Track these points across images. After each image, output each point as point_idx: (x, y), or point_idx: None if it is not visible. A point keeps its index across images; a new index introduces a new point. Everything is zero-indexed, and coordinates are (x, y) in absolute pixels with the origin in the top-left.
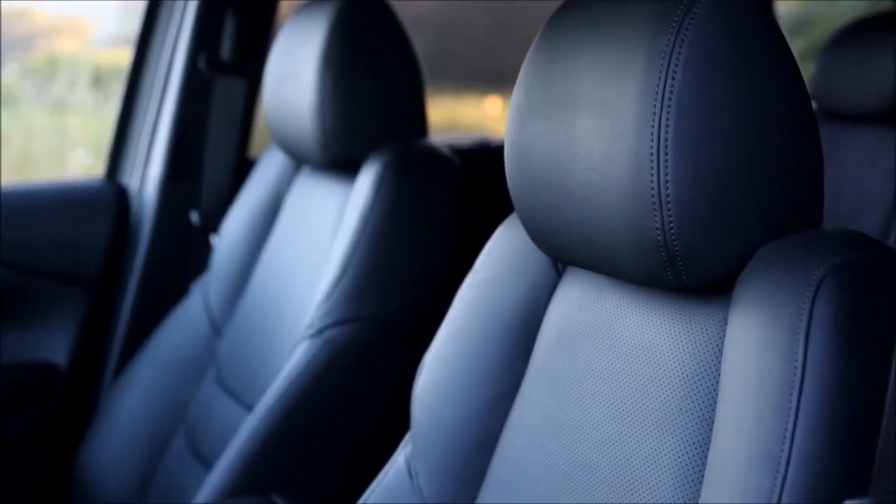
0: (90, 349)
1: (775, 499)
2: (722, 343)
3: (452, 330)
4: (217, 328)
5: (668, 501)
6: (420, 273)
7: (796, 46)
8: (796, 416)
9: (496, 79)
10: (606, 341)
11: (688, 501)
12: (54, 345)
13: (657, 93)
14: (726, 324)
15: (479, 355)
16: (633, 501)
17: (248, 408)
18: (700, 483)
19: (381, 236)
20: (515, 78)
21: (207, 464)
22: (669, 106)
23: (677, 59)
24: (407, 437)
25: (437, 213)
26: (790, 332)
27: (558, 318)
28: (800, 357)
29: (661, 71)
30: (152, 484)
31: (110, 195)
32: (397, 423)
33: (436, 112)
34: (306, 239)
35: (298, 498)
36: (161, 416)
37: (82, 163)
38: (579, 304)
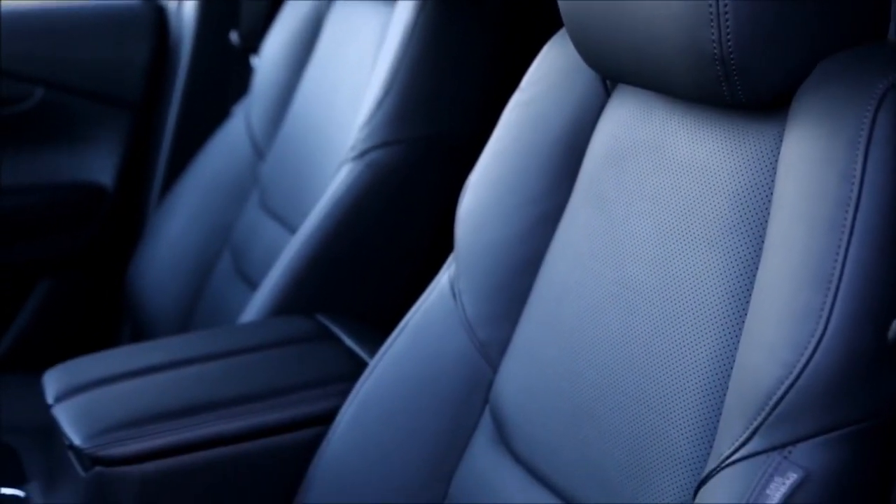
0: (135, 171)
1: (824, 318)
2: (776, 160)
3: (497, 150)
4: (259, 151)
5: (715, 320)
6: (464, 95)
7: None
8: (850, 234)
9: None
10: (655, 160)
11: (735, 321)
12: (100, 166)
13: None
14: (781, 141)
15: (525, 175)
16: (679, 321)
17: (292, 230)
18: (747, 302)
19: (424, 57)
20: None
21: (253, 284)
22: None
23: None
24: (451, 258)
25: (482, 33)
26: (848, 148)
27: (606, 137)
28: (857, 173)
29: None
30: (199, 303)
31: (148, 14)
32: (441, 245)
33: None
34: (348, 59)
35: (342, 317)
36: (206, 237)
37: None
38: (628, 122)
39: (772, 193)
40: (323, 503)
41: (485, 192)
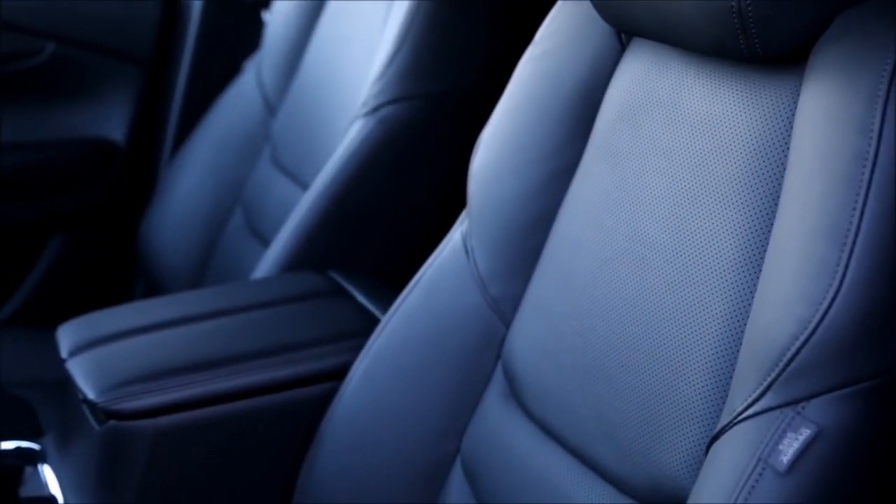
0: (147, 127)
1: (840, 273)
2: (793, 115)
3: (510, 105)
4: (271, 107)
5: (729, 276)
6: (477, 50)
7: None
8: (867, 189)
9: None
10: (670, 115)
11: (749, 277)
12: (111, 122)
13: None
14: (798, 95)
15: (538, 131)
16: (692, 277)
17: (304, 186)
18: (762, 258)
19: (437, 12)
20: None
21: (265, 241)
22: None
23: None
24: (463, 214)
25: None
26: (867, 103)
27: (621, 93)
28: (875, 128)
29: None
30: (212, 260)
31: None
32: (454, 201)
33: None
34: (360, 14)
35: (354, 273)
36: (218, 193)
37: None
38: (643, 77)
39: (788, 149)
40: (335, 458)
41: (497, 147)
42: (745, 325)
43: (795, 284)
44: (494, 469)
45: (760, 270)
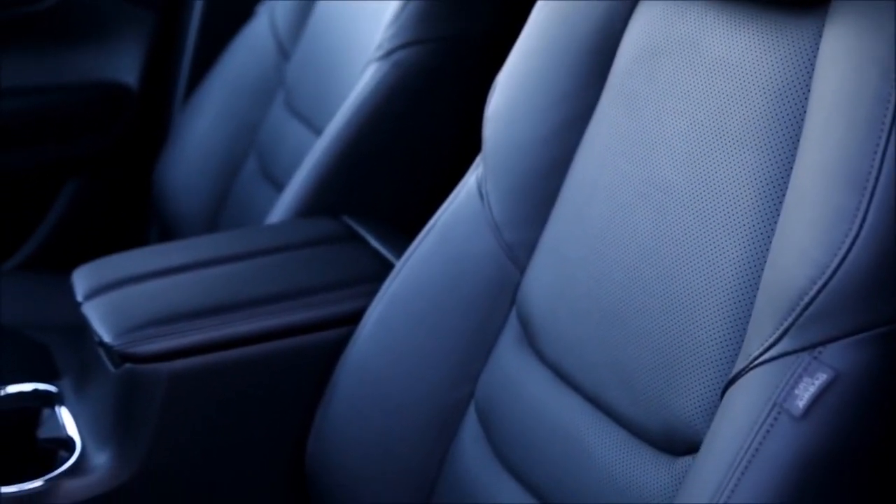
0: (160, 71)
1: (859, 219)
2: (814, 58)
3: (526, 49)
4: (284, 51)
5: (747, 221)
6: None
7: None
8: (889, 133)
9: None
10: (689, 58)
11: (767, 221)
12: (124, 66)
13: None
14: (820, 37)
15: (554, 74)
16: (709, 221)
17: (318, 131)
18: (781, 202)
19: None
20: None
21: (279, 186)
22: None
23: None
24: (478, 159)
25: None
26: (890, 45)
27: (638, 35)
28: None
29: None
30: (226, 205)
31: None
32: (469, 146)
33: None
34: None
35: (368, 219)
36: (232, 138)
37: None
38: (662, 19)
39: (809, 91)
40: (349, 402)
41: (513, 91)
42: (763, 270)
43: (814, 229)
44: (508, 414)
45: (778, 215)
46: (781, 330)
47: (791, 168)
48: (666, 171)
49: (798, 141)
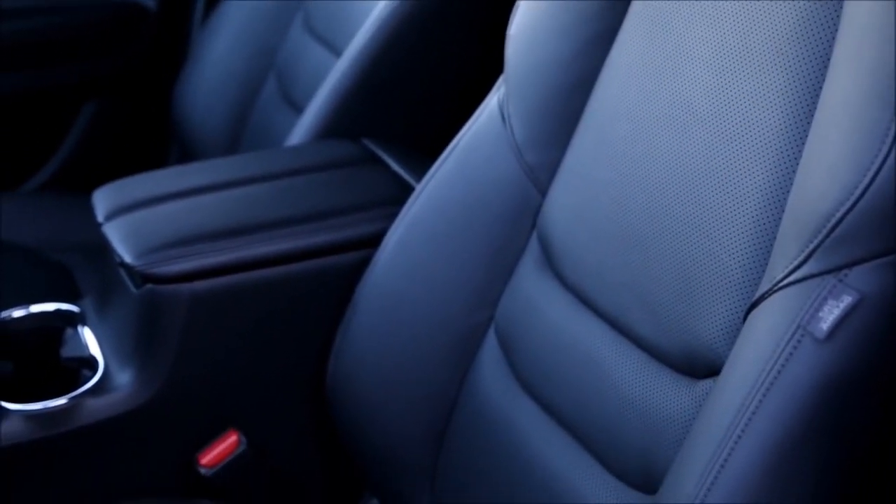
0: None
1: (890, 139)
2: None
3: None
4: None
5: (773, 143)
6: None
7: None
8: None
9: None
10: None
11: (794, 143)
12: None
13: None
14: None
15: None
16: (735, 143)
17: (337, 53)
18: (808, 124)
19: None
20: None
21: (298, 108)
22: None
23: None
24: (500, 80)
25: None
26: None
27: None
28: None
29: None
30: (245, 128)
31: None
32: (490, 67)
33: None
34: None
35: (389, 141)
36: (251, 60)
37: None
38: None
39: (841, 8)
40: (369, 325)
41: (536, 11)
42: (789, 192)
43: (843, 149)
44: (528, 337)
45: (806, 136)
46: (807, 252)
47: (819, 90)
48: (691, 93)
49: (827, 62)
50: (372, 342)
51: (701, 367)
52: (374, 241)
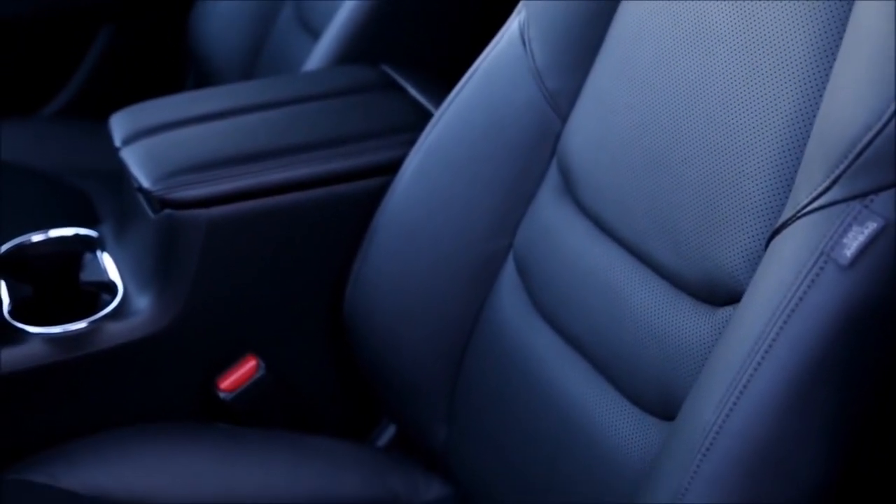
0: None
1: None
2: None
3: None
4: None
5: (800, 68)
6: None
7: None
8: None
9: None
10: None
11: (821, 69)
12: None
13: None
14: None
15: None
16: (761, 68)
17: None
18: (837, 48)
19: None
20: None
21: (315, 34)
22: None
23: None
24: (521, 4)
25: None
26: None
27: None
28: None
29: None
30: (262, 53)
31: None
32: None
33: None
34: None
35: (407, 67)
36: None
37: None
38: None
39: None
40: (387, 251)
41: None
42: (814, 118)
43: (872, 74)
44: (547, 265)
45: (833, 61)
46: (832, 178)
47: (847, 14)
48: (716, 16)
49: None
50: (390, 268)
51: (721, 294)
52: (393, 167)
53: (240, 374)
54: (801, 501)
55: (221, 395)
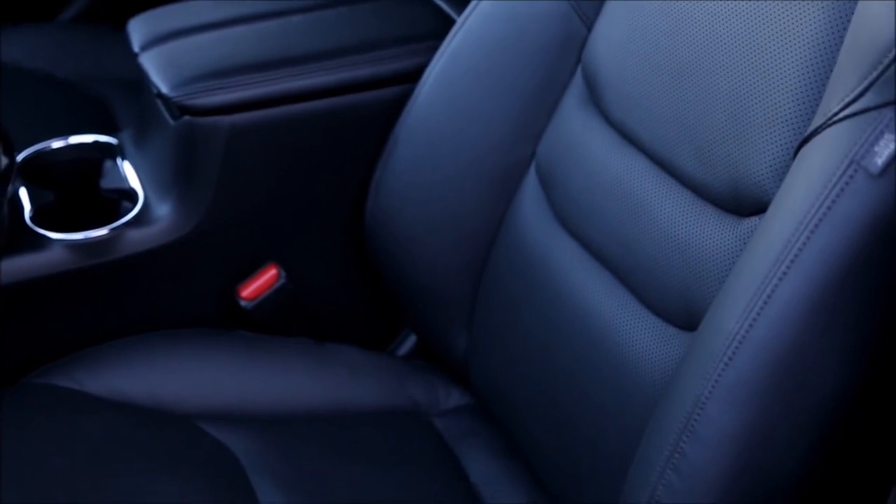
0: None
1: None
2: None
3: None
4: None
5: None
6: None
7: None
8: None
9: None
10: None
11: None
12: None
13: None
14: None
15: None
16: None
17: None
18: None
19: None
20: None
21: None
22: None
23: None
24: None
25: None
26: None
27: None
28: None
29: None
30: None
31: None
32: None
33: None
34: None
35: None
36: None
37: None
38: None
39: None
40: (409, 159)
41: None
42: (846, 26)
43: None
44: (569, 174)
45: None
46: (865, 84)
47: None
48: None
49: None
50: (412, 177)
51: (747, 204)
52: (415, 75)
53: (261, 283)
54: (820, 410)
55: (242, 303)
